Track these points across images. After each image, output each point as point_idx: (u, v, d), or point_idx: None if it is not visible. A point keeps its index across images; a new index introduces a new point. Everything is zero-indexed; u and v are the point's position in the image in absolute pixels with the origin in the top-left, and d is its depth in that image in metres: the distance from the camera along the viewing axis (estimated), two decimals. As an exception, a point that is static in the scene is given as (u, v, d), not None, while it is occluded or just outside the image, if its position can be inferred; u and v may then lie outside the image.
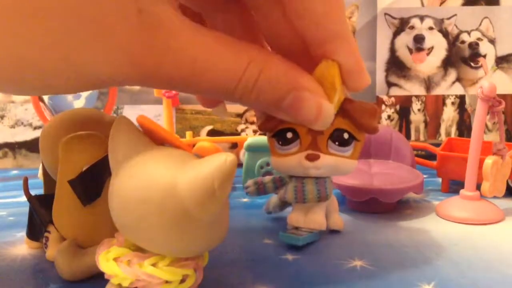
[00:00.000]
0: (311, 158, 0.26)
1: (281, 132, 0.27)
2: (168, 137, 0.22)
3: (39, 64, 0.16)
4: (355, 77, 0.23)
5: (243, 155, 0.46)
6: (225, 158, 0.17)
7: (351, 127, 0.26)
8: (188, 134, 0.54)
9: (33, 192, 0.28)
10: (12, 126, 0.61)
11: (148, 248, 0.19)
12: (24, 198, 0.28)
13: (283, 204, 0.33)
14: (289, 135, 0.27)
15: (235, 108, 0.60)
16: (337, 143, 0.26)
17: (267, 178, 0.31)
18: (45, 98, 0.58)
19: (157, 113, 0.60)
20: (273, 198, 0.34)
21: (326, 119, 0.22)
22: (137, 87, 0.61)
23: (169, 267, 0.19)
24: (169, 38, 0.17)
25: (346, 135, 0.26)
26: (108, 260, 0.20)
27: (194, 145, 0.49)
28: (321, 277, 0.25)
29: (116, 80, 0.17)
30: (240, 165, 0.44)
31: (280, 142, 0.27)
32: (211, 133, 0.61)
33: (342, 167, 0.27)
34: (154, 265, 0.19)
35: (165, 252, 0.19)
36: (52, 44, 0.16)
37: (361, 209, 0.37)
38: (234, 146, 0.59)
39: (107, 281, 0.21)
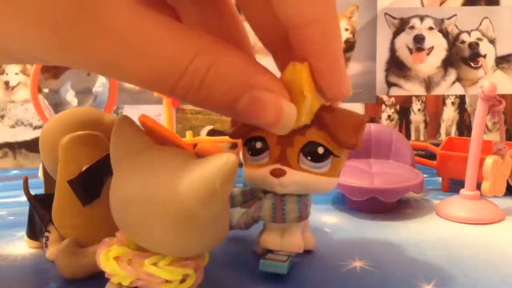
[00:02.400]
0: (276, 173, 0.23)
1: (251, 141, 0.24)
2: (170, 137, 0.22)
3: None
4: (327, 76, 0.20)
5: (243, 155, 0.46)
6: (227, 158, 0.17)
7: (328, 141, 0.23)
8: (188, 134, 0.54)
9: (33, 192, 0.28)
10: (12, 126, 0.61)
11: (149, 247, 0.19)
12: (24, 198, 0.28)
13: (252, 221, 0.27)
14: (258, 145, 0.24)
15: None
16: (309, 157, 0.23)
17: (236, 190, 0.27)
18: (45, 99, 0.58)
19: (157, 113, 0.60)
20: (234, 212, 0.28)
21: (287, 122, 0.19)
22: (137, 87, 0.61)
23: (169, 267, 0.19)
24: (104, 15, 0.15)
25: (320, 150, 0.23)
26: (109, 259, 0.20)
27: (195, 145, 0.49)
28: (321, 280, 0.25)
29: (35, 56, 0.16)
30: (240, 165, 0.44)
31: (250, 152, 0.24)
32: (211, 133, 0.61)
33: (315, 185, 0.24)
34: (154, 264, 0.19)
35: (166, 252, 0.19)
36: None
37: (361, 209, 0.37)
38: (234, 146, 0.59)
39: (107, 280, 0.20)
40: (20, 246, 0.29)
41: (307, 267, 0.26)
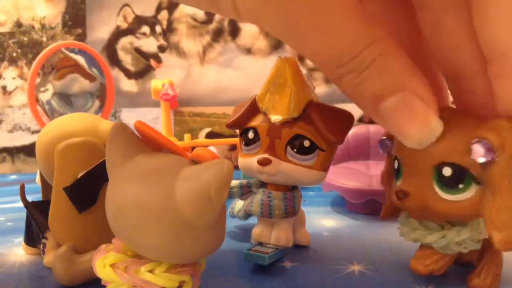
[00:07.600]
0: (262, 162, 0.25)
1: (245, 132, 0.26)
2: (166, 143, 0.22)
3: None
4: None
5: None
6: (222, 165, 0.17)
7: (315, 135, 0.24)
8: (187, 136, 0.54)
9: (31, 198, 0.28)
10: (10, 131, 0.61)
11: (145, 254, 0.19)
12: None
13: (248, 214, 0.29)
14: (251, 135, 0.26)
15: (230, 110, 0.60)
16: (295, 150, 0.24)
17: (234, 183, 0.29)
18: (43, 101, 0.58)
19: (155, 115, 0.59)
20: (239, 202, 0.31)
21: (428, 137, 0.18)
22: (135, 90, 0.61)
23: (166, 274, 0.19)
24: None
25: (307, 143, 0.24)
26: (105, 266, 0.20)
27: (193, 148, 0.49)
28: (319, 284, 0.25)
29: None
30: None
31: (244, 142, 0.26)
32: (210, 135, 0.61)
33: (301, 177, 0.25)
34: (151, 271, 0.19)
35: (162, 259, 0.19)
36: None
37: (360, 211, 0.37)
38: (233, 148, 0.59)
39: (104, 287, 0.20)
40: (18, 253, 0.29)
41: (305, 270, 0.26)
